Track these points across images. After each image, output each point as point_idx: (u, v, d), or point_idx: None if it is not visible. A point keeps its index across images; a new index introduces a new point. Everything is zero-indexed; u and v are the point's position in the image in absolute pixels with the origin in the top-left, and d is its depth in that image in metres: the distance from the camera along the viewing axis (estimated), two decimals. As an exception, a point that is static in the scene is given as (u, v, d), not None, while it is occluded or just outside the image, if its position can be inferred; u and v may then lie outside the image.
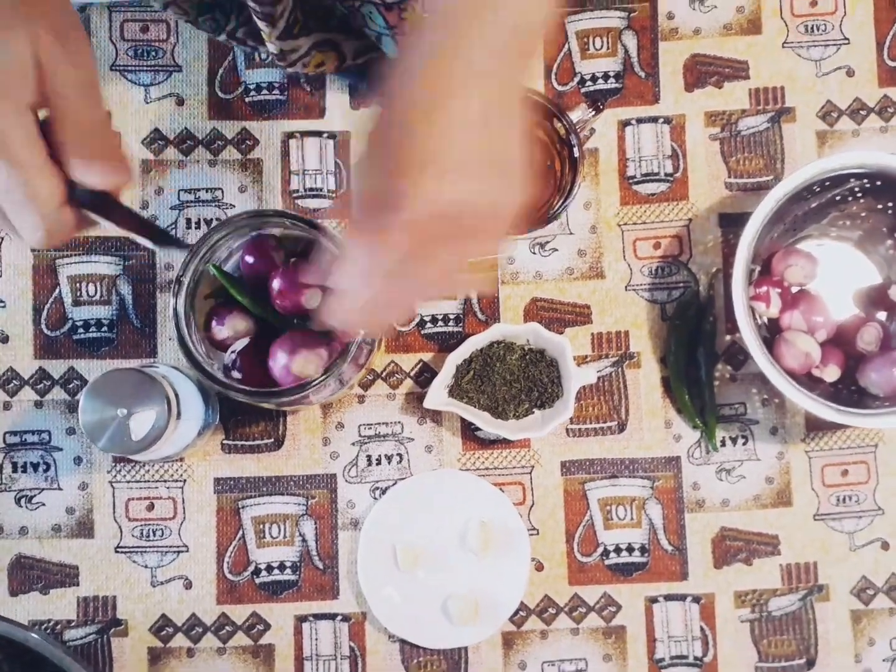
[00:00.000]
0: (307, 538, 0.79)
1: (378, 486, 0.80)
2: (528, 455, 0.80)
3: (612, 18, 0.82)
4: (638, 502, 0.80)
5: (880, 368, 0.74)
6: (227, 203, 0.81)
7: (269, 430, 0.80)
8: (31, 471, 0.79)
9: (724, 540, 0.80)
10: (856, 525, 0.80)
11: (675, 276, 0.81)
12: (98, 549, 0.79)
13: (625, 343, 0.81)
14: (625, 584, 0.80)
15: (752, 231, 0.73)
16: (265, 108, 0.82)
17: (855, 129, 0.82)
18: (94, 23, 0.81)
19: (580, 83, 0.82)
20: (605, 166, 0.82)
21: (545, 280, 0.81)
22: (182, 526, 0.79)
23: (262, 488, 0.79)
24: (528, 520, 0.80)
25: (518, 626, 0.79)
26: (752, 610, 0.79)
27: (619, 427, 0.80)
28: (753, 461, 0.80)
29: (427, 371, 0.80)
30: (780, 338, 0.75)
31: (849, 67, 0.82)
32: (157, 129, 0.81)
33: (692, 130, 0.82)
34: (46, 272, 0.80)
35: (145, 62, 0.82)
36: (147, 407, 0.67)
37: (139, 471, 0.79)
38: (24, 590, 0.78)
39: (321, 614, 0.79)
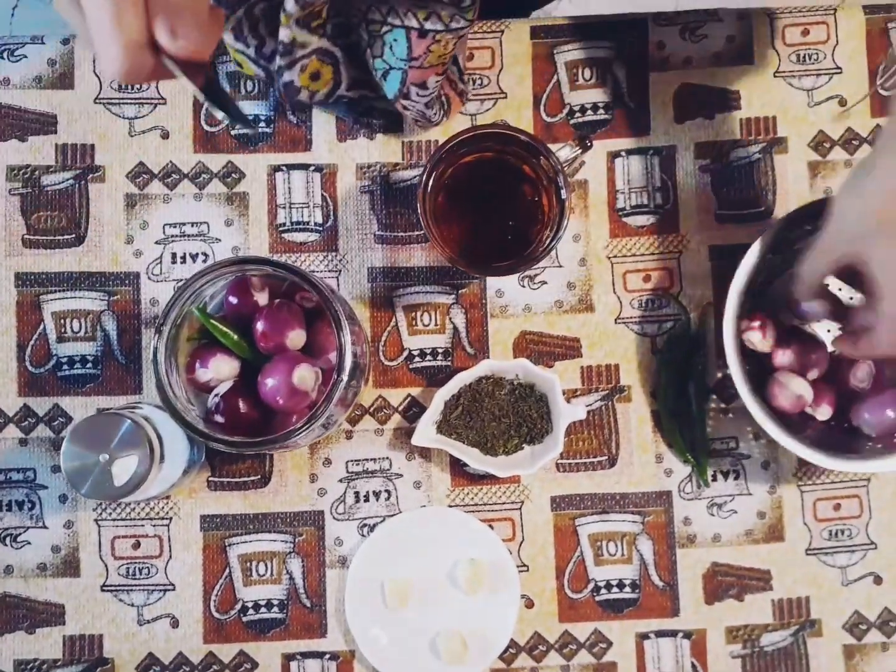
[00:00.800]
0: (294, 576, 0.78)
1: (366, 523, 0.79)
2: (517, 490, 0.79)
3: (602, 49, 0.81)
4: (629, 538, 0.79)
5: (873, 409, 0.73)
6: (212, 237, 0.80)
7: (255, 467, 0.79)
8: (16, 509, 0.78)
9: (716, 575, 0.79)
10: (848, 559, 0.79)
11: (665, 308, 0.80)
12: (84, 587, 0.78)
13: (615, 376, 0.80)
14: (615, 621, 0.79)
15: (740, 282, 0.72)
16: (251, 141, 0.81)
17: (847, 160, 0.81)
18: (77, 55, 0.80)
19: (569, 114, 0.81)
20: (594, 199, 0.81)
21: (534, 313, 0.80)
22: (168, 564, 0.78)
23: (248, 526, 0.79)
24: (517, 556, 0.79)
25: (508, 664, 0.78)
26: (744, 646, 0.79)
27: (609, 462, 0.80)
28: (745, 496, 0.80)
29: (415, 406, 0.80)
30: (774, 379, 0.75)
31: (841, 97, 0.81)
32: (141, 163, 0.80)
33: (682, 162, 0.81)
34: (31, 308, 0.79)
35: (129, 95, 0.81)
36: (129, 452, 0.66)
37: (125, 509, 0.78)
38: (10, 629, 0.78)
39: (309, 653, 0.78)
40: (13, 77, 0.80)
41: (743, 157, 0.81)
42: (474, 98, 0.81)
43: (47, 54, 0.80)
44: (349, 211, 0.81)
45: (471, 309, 0.80)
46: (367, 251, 0.80)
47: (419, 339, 0.80)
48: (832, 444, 0.75)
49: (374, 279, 0.80)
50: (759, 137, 0.81)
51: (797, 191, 0.81)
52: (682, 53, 0.81)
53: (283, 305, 0.69)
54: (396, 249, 0.80)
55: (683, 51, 0.81)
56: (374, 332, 0.80)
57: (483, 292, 0.80)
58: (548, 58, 0.81)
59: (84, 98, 0.80)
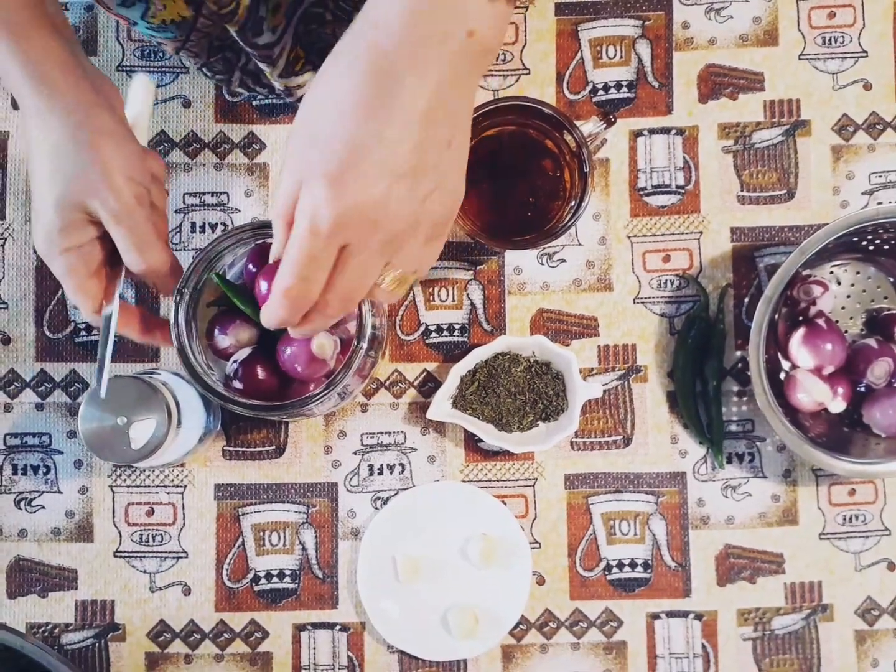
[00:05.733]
0: (307, 547, 0.78)
1: (379, 496, 0.79)
2: (531, 468, 0.79)
3: (627, 27, 0.81)
4: (642, 517, 0.79)
5: (886, 410, 0.73)
6: (232, 207, 0.80)
7: (270, 438, 0.79)
8: (31, 473, 0.79)
9: (728, 557, 0.79)
10: (862, 545, 0.79)
11: (684, 289, 0.80)
12: (97, 553, 0.78)
13: (632, 356, 0.80)
14: (627, 600, 0.79)
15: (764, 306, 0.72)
16: (272, 112, 0.81)
17: (871, 144, 0.80)
18: (100, 23, 0.80)
19: (592, 92, 0.81)
20: (615, 177, 0.80)
21: (552, 291, 0.80)
22: (182, 532, 0.78)
23: (262, 495, 0.79)
24: (530, 533, 0.79)
25: (518, 640, 0.78)
26: (755, 628, 0.79)
27: (624, 441, 0.80)
28: (760, 478, 0.79)
29: (431, 381, 0.80)
30: (792, 377, 0.75)
31: (866, 81, 0.81)
32: (163, 132, 0.80)
33: (705, 142, 0.81)
34: (49, 274, 0.79)
35: (152, 63, 0.81)
36: (147, 415, 0.66)
37: (139, 476, 0.78)
38: (23, 592, 0.78)
39: (320, 623, 0.78)
40: (37, 43, 0.80)
41: (766, 139, 0.81)
42: (497, 73, 0.81)
43: (71, 20, 0.80)
44: (369, 184, 0.80)
45: (489, 285, 0.80)
46: (386, 225, 0.80)
47: (436, 315, 0.80)
48: (840, 438, 0.75)
49: (393, 253, 0.80)
50: (782, 120, 0.81)
51: (820, 174, 0.80)
52: (707, 33, 0.81)
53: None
54: (416, 224, 0.80)
55: (708, 31, 0.81)
56: (391, 307, 0.80)
57: (501, 269, 0.80)
58: (572, 35, 0.81)
59: (107, 65, 0.80)
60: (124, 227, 0.56)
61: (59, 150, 0.54)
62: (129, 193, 0.55)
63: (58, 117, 0.54)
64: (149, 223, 0.57)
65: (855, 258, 0.79)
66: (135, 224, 0.56)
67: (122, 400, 0.66)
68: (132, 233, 0.56)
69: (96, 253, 0.58)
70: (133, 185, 0.56)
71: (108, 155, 0.55)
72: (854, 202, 0.80)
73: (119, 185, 0.55)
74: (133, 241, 0.56)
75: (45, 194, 0.55)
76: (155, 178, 0.59)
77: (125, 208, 0.55)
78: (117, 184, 0.55)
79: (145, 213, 0.57)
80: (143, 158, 0.57)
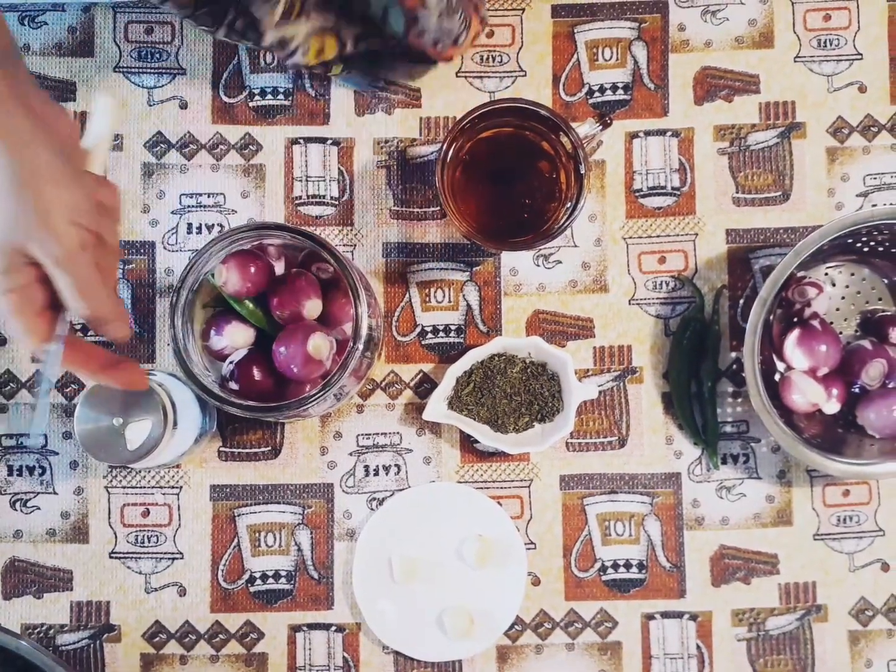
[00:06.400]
0: (303, 547, 0.79)
1: (375, 497, 0.79)
2: (526, 469, 0.79)
3: (623, 29, 0.81)
4: (637, 518, 0.79)
5: (880, 410, 0.74)
6: (228, 208, 0.80)
7: (266, 439, 0.79)
8: (26, 474, 0.78)
9: (723, 558, 0.79)
10: (856, 546, 0.79)
11: (679, 291, 0.80)
12: (92, 554, 0.78)
13: (627, 358, 0.80)
14: (621, 601, 0.79)
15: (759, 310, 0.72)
16: (269, 113, 0.81)
17: (866, 146, 0.81)
18: (98, 24, 0.80)
19: (588, 94, 0.81)
20: (611, 179, 0.81)
21: (548, 292, 0.80)
22: (177, 533, 0.78)
23: (258, 496, 0.79)
24: (525, 534, 0.79)
25: (513, 641, 0.79)
26: (750, 629, 0.79)
27: (619, 442, 0.80)
28: (754, 479, 0.80)
29: (427, 382, 0.80)
30: (786, 378, 0.75)
31: (861, 83, 0.81)
32: (159, 132, 0.80)
33: (701, 144, 0.81)
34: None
35: (149, 64, 0.81)
36: (143, 416, 0.66)
37: (135, 477, 0.78)
38: (18, 593, 0.78)
39: (315, 624, 0.78)
40: (33, 44, 0.80)
41: (761, 141, 0.81)
42: (493, 75, 0.81)
43: (68, 21, 0.80)
44: (365, 185, 0.81)
45: (485, 287, 0.80)
46: (382, 226, 0.80)
47: (432, 316, 0.80)
48: (834, 439, 0.76)
49: (389, 254, 0.80)
50: (777, 122, 0.81)
51: (815, 176, 0.81)
52: (703, 36, 0.81)
53: (300, 274, 0.69)
54: (411, 225, 0.80)
55: (704, 33, 0.81)
56: (387, 308, 0.80)
57: (497, 270, 0.80)
58: (568, 37, 0.81)
59: (104, 66, 0.80)
60: (66, 273, 0.53)
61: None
62: (72, 238, 0.53)
63: None
64: (91, 268, 0.54)
65: (849, 260, 0.79)
66: (76, 269, 0.53)
67: (117, 401, 0.67)
68: (75, 279, 0.53)
69: (40, 294, 0.55)
70: (75, 230, 0.53)
71: (49, 196, 0.52)
72: (849, 204, 0.81)
73: (60, 229, 0.52)
74: (76, 287, 0.54)
75: None
76: (106, 211, 0.57)
77: (67, 255, 0.53)
78: (58, 228, 0.52)
79: (88, 257, 0.54)
80: (88, 196, 0.55)
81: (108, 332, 0.58)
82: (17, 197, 0.51)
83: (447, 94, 0.81)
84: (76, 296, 0.54)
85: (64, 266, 0.53)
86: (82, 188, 0.54)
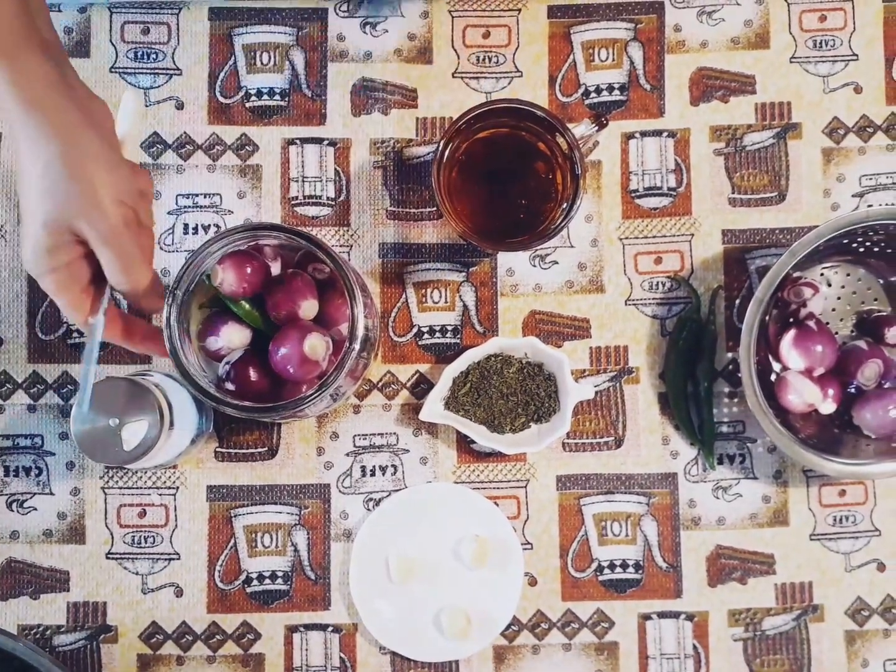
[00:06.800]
0: (299, 548, 0.79)
1: (372, 498, 0.79)
2: (523, 469, 0.79)
3: (619, 30, 0.81)
4: (633, 518, 0.79)
5: (875, 410, 0.74)
6: (225, 209, 0.80)
7: (263, 439, 0.79)
8: (23, 475, 0.78)
9: (719, 558, 0.79)
10: (852, 546, 0.80)
11: (675, 291, 0.80)
12: (89, 554, 0.78)
13: (623, 358, 0.80)
14: (618, 601, 0.79)
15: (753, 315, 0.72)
16: (266, 114, 0.81)
17: (861, 147, 0.81)
18: (94, 24, 0.80)
19: (584, 95, 0.81)
20: (607, 179, 0.81)
21: (544, 293, 0.80)
22: (174, 533, 0.78)
23: (255, 497, 0.79)
24: (522, 534, 0.79)
25: (510, 641, 0.79)
26: (746, 629, 0.79)
27: (615, 442, 0.80)
28: (750, 479, 0.80)
29: (423, 382, 0.80)
30: (782, 378, 0.75)
31: (856, 84, 0.81)
32: (156, 133, 0.80)
33: (696, 145, 0.81)
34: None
35: (145, 65, 0.81)
36: (139, 417, 0.66)
37: (131, 477, 0.78)
38: (15, 594, 0.78)
39: (312, 625, 0.78)
40: (29, 44, 0.80)
41: (757, 141, 0.81)
42: (489, 76, 0.81)
43: (64, 22, 0.80)
44: (362, 186, 0.81)
45: (481, 287, 0.80)
46: (378, 227, 0.80)
47: (429, 316, 0.80)
48: (830, 439, 0.76)
49: (385, 255, 0.80)
50: (773, 122, 0.81)
51: (810, 176, 0.81)
52: (699, 36, 0.81)
53: (296, 275, 0.69)
54: (408, 226, 0.81)
55: (700, 34, 0.81)
56: (384, 308, 0.80)
57: (494, 271, 0.80)
58: (564, 37, 0.81)
59: (100, 67, 0.80)
60: (111, 249, 0.57)
61: (49, 172, 0.55)
62: (117, 216, 0.56)
63: (47, 140, 0.54)
64: (135, 245, 0.58)
65: (845, 260, 0.79)
66: (121, 246, 0.57)
67: (114, 401, 0.67)
68: (118, 255, 0.57)
69: (84, 270, 0.59)
70: (121, 208, 0.57)
71: (97, 178, 0.55)
72: (844, 204, 0.81)
73: (106, 208, 0.56)
74: (119, 263, 0.57)
75: (34, 214, 0.56)
76: (143, 196, 0.60)
77: (112, 231, 0.56)
78: (105, 207, 0.56)
79: (132, 234, 0.58)
80: (131, 178, 0.58)
81: (146, 305, 0.62)
82: (70, 179, 0.55)
83: (443, 94, 0.81)
84: (120, 270, 0.57)
85: (110, 242, 0.56)
86: (125, 172, 0.58)
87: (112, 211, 0.56)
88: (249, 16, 0.81)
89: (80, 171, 0.55)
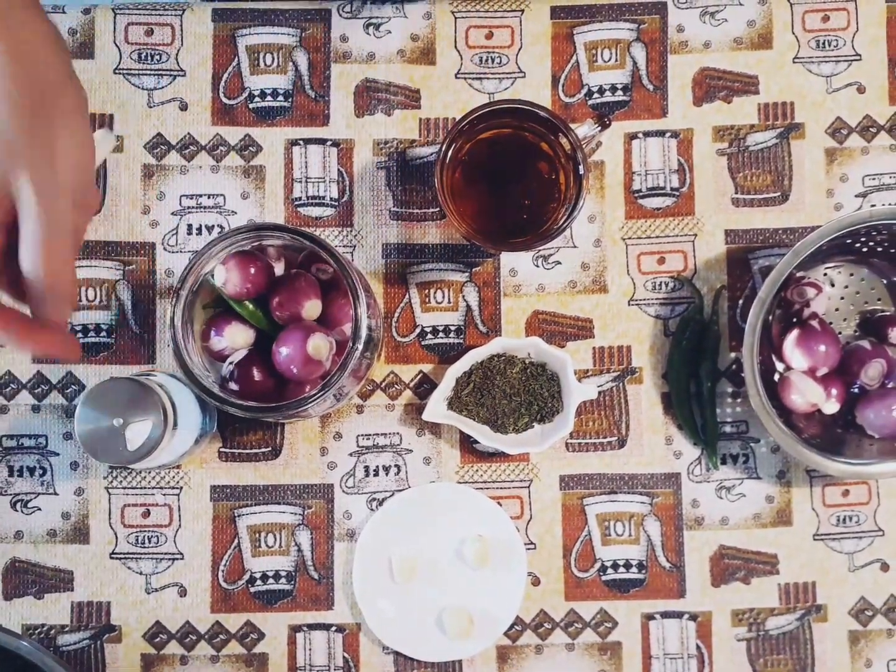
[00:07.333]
0: (303, 548, 0.79)
1: (375, 498, 0.79)
2: (526, 469, 0.80)
3: (622, 30, 0.81)
4: (636, 518, 0.79)
5: (879, 411, 0.74)
6: (228, 209, 0.80)
7: (266, 439, 0.79)
8: (27, 475, 0.79)
9: (723, 558, 0.79)
10: (856, 546, 0.79)
11: (678, 291, 0.80)
12: (93, 554, 0.78)
13: (627, 358, 0.80)
14: (621, 601, 0.79)
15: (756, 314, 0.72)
16: (269, 115, 0.81)
17: (864, 147, 0.81)
18: (98, 25, 0.81)
19: (587, 95, 0.81)
20: (610, 179, 0.81)
21: (547, 293, 0.80)
22: (177, 533, 0.79)
23: (258, 497, 0.79)
24: (525, 534, 0.79)
25: (513, 641, 0.79)
26: (749, 629, 0.79)
27: (619, 442, 0.80)
28: (754, 479, 0.80)
29: (427, 382, 0.80)
30: (786, 378, 0.75)
31: (860, 84, 0.81)
32: (159, 134, 0.81)
33: (700, 145, 0.81)
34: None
35: (149, 66, 0.81)
36: (143, 417, 0.67)
37: (135, 477, 0.79)
38: (19, 594, 0.78)
39: (315, 624, 0.78)
40: (34, 45, 0.80)
41: (760, 141, 0.81)
42: (492, 76, 0.81)
43: (68, 23, 0.81)
44: (365, 187, 0.81)
45: (484, 287, 0.80)
46: (381, 227, 0.81)
47: (432, 316, 0.80)
48: (833, 439, 0.76)
49: (389, 255, 0.80)
50: (776, 122, 0.81)
51: (813, 177, 0.81)
52: (702, 37, 0.81)
53: (300, 275, 0.69)
54: (411, 226, 0.81)
55: (703, 34, 0.81)
56: (387, 309, 0.80)
57: (497, 271, 0.81)
58: (567, 38, 0.81)
59: (104, 68, 0.81)
60: (44, 213, 0.46)
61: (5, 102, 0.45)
62: (66, 182, 0.47)
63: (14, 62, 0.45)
64: (69, 221, 0.47)
65: (848, 260, 0.79)
66: (57, 222, 0.47)
67: (118, 401, 0.67)
68: (49, 224, 0.46)
69: None
70: (75, 177, 0.48)
71: (61, 131, 0.46)
72: (848, 204, 0.81)
73: (60, 168, 0.46)
74: (46, 234, 0.46)
75: None
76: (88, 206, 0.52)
77: (55, 199, 0.46)
78: (59, 167, 0.46)
79: (70, 210, 0.47)
80: (91, 171, 0.50)
81: (53, 307, 0.49)
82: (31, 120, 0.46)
83: (446, 95, 0.81)
84: (41, 243, 0.46)
85: (48, 210, 0.46)
86: (91, 160, 0.50)
87: (64, 176, 0.46)
88: (253, 17, 0.81)
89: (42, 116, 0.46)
